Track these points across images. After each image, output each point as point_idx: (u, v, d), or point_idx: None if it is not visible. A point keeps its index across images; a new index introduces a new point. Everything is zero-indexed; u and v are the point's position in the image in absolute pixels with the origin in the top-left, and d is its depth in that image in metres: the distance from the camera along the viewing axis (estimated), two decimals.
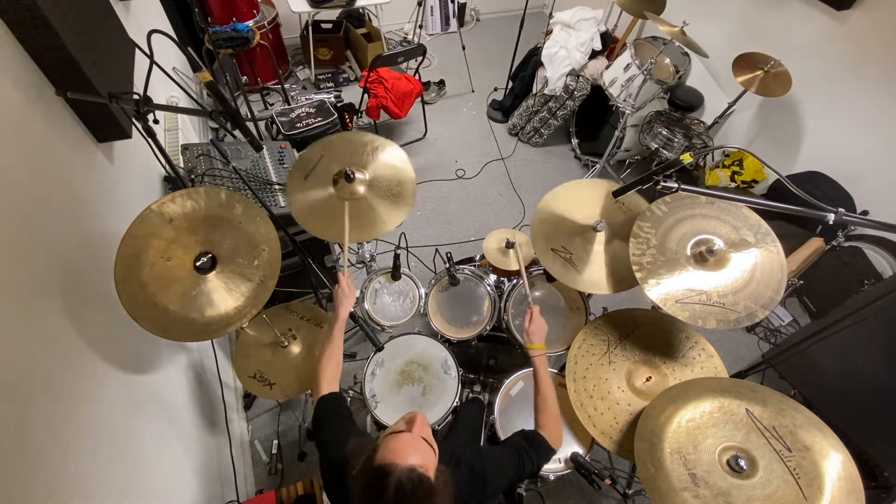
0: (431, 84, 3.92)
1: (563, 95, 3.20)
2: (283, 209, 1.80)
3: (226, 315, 1.20)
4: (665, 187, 1.21)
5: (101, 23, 1.44)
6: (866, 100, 2.40)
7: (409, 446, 0.92)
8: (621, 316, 1.58)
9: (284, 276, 1.36)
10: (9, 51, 1.01)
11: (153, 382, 1.39)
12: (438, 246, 2.78)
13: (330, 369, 1.25)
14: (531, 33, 3.76)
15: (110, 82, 1.29)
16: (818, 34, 2.55)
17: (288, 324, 1.59)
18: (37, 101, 1.08)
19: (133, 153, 1.63)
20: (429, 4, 4.46)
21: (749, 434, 1.15)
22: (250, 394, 2.22)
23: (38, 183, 1.01)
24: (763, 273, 1.30)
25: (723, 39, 3.02)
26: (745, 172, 2.86)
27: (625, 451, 1.34)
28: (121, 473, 1.09)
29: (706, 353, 1.49)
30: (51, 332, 0.95)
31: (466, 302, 1.84)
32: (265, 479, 2.03)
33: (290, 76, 4.05)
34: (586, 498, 2.05)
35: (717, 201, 1.41)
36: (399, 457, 0.89)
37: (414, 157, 3.43)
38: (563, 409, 1.55)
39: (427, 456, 0.93)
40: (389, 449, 0.91)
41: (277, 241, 1.31)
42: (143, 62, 1.32)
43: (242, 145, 2.02)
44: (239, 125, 1.21)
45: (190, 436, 1.55)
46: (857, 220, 1.12)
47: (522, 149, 3.62)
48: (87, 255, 1.16)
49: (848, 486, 1.05)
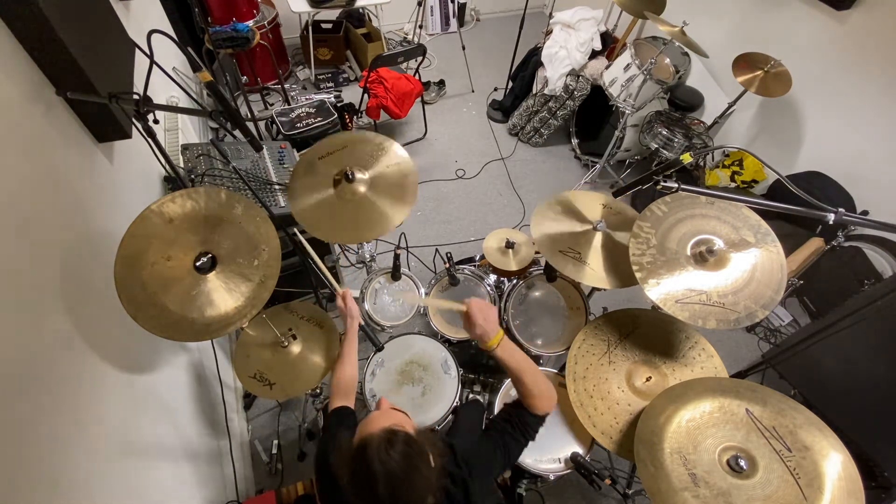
0: (431, 84, 3.92)
1: (563, 95, 3.20)
2: (283, 209, 1.80)
3: (226, 315, 1.20)
4: (665, 187, 1.21)
5: (101, 23, 1.44)
6: (866, 100, 2.40)
7: (379, 417, 0.94)
8: (621, 316, 1.58)
9: (284, 277, 1.36)
10: (9, 51, 1.01)
11: (153, 382, 1.39)
12: (438, 246, 2.78)
13: (343, 383, 1.30)
14: (531, 33, 3.76)
15: (110, 82, 1.29)
16: (818, 34, 2.55)
17: (288, 324, 1.58)
18: (37, 101, 1.07)
19: (133, 153, 1.63)
20: (429, 4, 4.46)
21: (749, 434, 1.15)
22: (250, 394, 2.22)
23: (37, 183, 1.01)
24: (763, 273, 1.30)
25: (723, 39, 3.02)
26: (745, 172, 2.86)
27: (625, 451, 1.33)
28: (121, 473, 1.09)
29: (706, 353, 1.49)
30: (51, 331, 0.95)
31: None
32: (265, 479, 2.04)
33: (290, 76, 4.05)
34: (586, 498, 2.04)
35: (717, 201, 1.41)
36: (372, 427, 0.89)
37: (414, 157, 3.38)
38: (563, 409, 1.56)
39: (400, 418, 0.94)
40: (361, 430, 0.92)
41: (278, 241, 1.31)
42: (143, 62, 1.32)
43: (242, 145, 2.02)
44: (239, 125, 1.21)
45: (190, 436, 1.55)
46: (857, 220, 1.12)
47: (522, 149, 3.62)
48: (87, 255, 1.16)
49: (848, 486, 1.05)
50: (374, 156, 1.59)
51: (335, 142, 1.59)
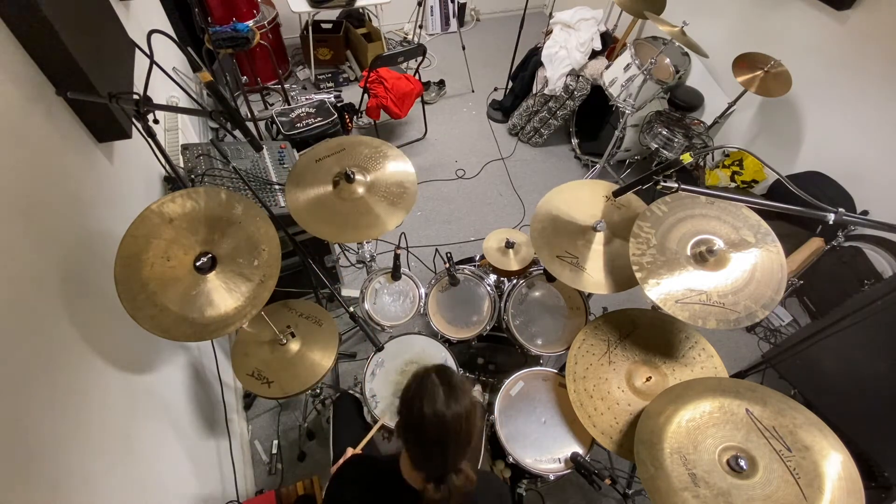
0: (431, 84, 3.92)
1: (563, 95, 3.20)
2: (283, 209, 1.81)
3: (226, 315, 1.20)
4: (665, 187, 1.21)
5: (101, 23, 1.44)
6: (866, 100, 2.40)
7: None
8: (621, 316, 1.58)
9: (284, 276, 1.36)
10: (9, 51, 1.01)
11: (153, 382, 1.39)
12: (438, 246, 2.78)
13: None
14: (531, 33, 3.76)
15: (110, 82, 1.29)
16: (818, 34, 2.55)
17: (287, 321, 1.58)
18: (37, 101, 1.08)
19: (133, 153, 1.63)
20: (429, 4, 4.46)
21: (749, 434, 1.15)
22: (250, 394, 2.22)
23: (37, 183, 1.01)
24: (763, 273, 1.30)
25: (723, 39, 3.02)
26: (745, 172, 2.86)
27: (625, 451, 1.33)
28: (121, 473, 1.09)
29: (706, 353, 1.49)
30: (51, 331, 0.95)
31: (466, 302, 1.84)
32: (265, 479, 2.04)
33: (290, 76, 4.05)
34: (586, 498, 2.05)
35: (717, 201, 1.41)
36: None
37: (414, 157, 3.43)
38: (563, 409, 1.56)
39: None
40: None
41: (278, 241, 1.31)
42: (143, 62, 1.32)
43: (242, 145, 2.02)
44: (239, 125, 1.21)
45: (190, 436, 1.55)
46: (857, 220, 1.12)
47: (522, 149, 3.62)
48: (87, 254, 1.16)
49: (848, 486, 1.05)
50: (376, 160, 1.60)
51: (336, 143, 1.60)
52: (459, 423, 0.86)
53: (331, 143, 1.63)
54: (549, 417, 1.56)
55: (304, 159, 1.59)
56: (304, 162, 1.58)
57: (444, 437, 0.85)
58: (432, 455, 0.88)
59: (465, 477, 0.90)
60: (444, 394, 0.87)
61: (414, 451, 0.92)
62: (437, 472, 0.88)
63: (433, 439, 0.86)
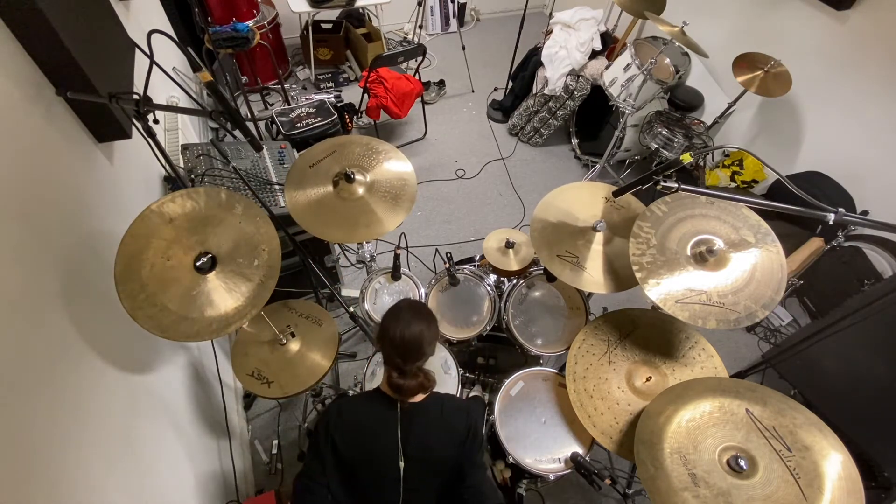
0: (431, 84, 3.92)
1: (563, 95, 3.20)
2: (283, 209, 1.80)
3: (226, 315, 1.20)
4: (665, 187, 1.21)
5: (101, 23, 1.44)
6: (866, 100, 2.40)
7: None
8: (621, 316, 1.58)
9: (284, 276, 1.36)
10: (9, 51, 1.01)
11: (153, 382, 1.39)
12: (438, 246, 2.78)
13: None
14: (531, 33, 3.76)
15: (110, 82, 1.29)
16: (818, 34, 2.55)
17: (286, 321, 1.59)
18: (37, 101, 1.08)
19: (133, 153, 1.63)
20: (429, 4, 4.46)
21: (749, 434, 1.15)
22: (250, 394, 2.22)
23: (38, 183, 1.01)
24: (763, 273, 1.30)
25: (723, 39, 3.02)
26: (745, 172, 2.86)
27: (625, 451, 1.33)
28: (121, 473, 1.09)
29: (706, 353, 1.49)
30: (50, 331, 0.95)
31: (466, 302, 1.84)
32: (265, 479, 2.03)
33: (290, 76, 4.05)
34: (586, 498, 2.04)
35: (717, 201, 1.41)
36: None
37: (414, 157, 3.43)
38: (563, 409, 1.56)
39: None
40: None
41: (278, 241, 1.31)
42: (143, 62, 1.32)
43: (242, 145, 2.02)
44: (239, 125, 1.21)
45: (190, 436, 1.55)
46: (857, 220, 1.12)
47: (522, 149, 3.62)
48: (87, 254, 1.16)
49: (848, 486, 1.05)
50: (377, 160, 1.60)
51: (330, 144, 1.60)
52: (418, 336, 1.18)
53: (325, 144, 1.62)
54: (549, 417, 1.56)
55: (300, 162, 1.59)
56: (300, 165, 1.58)
57: (406, 342, 1.17)
58: (397, 354, 1.18)
59: (424, 374, 1.22)
60: (409, 315, 1.20)
61: (386, 351, 1.21)
62: (399, 367, 1.18)
63: (398, 343, 1.17)
